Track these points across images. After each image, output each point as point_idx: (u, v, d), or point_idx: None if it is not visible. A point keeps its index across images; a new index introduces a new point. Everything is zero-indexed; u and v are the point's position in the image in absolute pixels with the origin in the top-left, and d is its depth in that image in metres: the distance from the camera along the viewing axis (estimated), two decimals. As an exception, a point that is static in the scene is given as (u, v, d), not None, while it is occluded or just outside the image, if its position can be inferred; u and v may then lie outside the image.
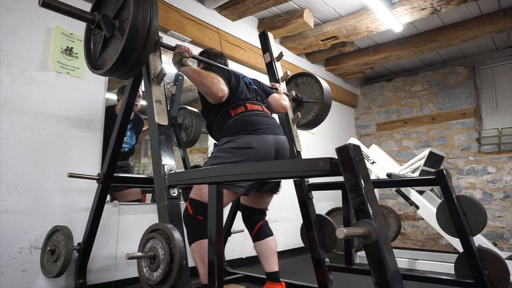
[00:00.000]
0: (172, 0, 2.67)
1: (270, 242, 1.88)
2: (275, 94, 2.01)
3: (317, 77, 2.27)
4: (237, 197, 1.79)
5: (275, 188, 1.93)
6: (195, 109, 3.10)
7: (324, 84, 2.23)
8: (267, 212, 2.00)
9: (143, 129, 2.90)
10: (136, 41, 1.19)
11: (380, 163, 3.25)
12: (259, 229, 1.90)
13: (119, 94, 2.69)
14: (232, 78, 1.81)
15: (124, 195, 2.63)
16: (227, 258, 2.77)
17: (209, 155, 1.75)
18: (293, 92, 2.28)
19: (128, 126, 2.29)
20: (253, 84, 1.95)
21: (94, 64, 1.39)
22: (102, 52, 1.36)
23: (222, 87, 1.64)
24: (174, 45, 1.73)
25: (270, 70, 2.31)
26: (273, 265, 1.85)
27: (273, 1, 2.84)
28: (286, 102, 2.03)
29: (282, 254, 3.27)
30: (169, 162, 1.38)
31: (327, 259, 1.96)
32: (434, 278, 1.88)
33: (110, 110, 2.30)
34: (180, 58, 1.69)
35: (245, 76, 1.94)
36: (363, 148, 3.31)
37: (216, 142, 1.81)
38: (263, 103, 1.89)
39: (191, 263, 1.69)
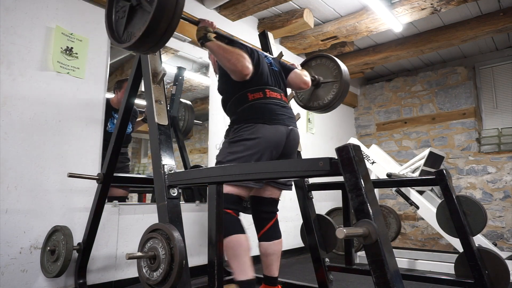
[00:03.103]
0: (172, 0, 2.67)
1: (278, 245, 1.78)
2: (296, 70, 1.95)
3: (332, 56, 2.19)
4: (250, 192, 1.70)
5: (287, 183, 1.84)
6: (188, 102, 3.09)
7: (341, 63, 2.15)
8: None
9: (137, 119, 2.90)
10: (167, 4, 1.13)
11: (380, 163, 3.25)
12: (269, 229, 1.79)
13: (116, 87, 2.69)
14: (255, 57, 1.74)
15: (110, 190, 2.62)
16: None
17: (221, 145, 1.71)
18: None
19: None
20: (274, 65, 1.88)
21: (118, 38, 1.32)
22: (127, 26, 1.29)
23: (247, 65, 1.59)
24: (197, 19, 1.65)
25: (270, 70, 2.30)
26: (274, 270, 1.78)
27: (273, 1, 2.84)
28: (308, 77, 1.96)
29: (282, 254, 3.26)
30: (169, 162, 1.38)
31: (327, 259, 1.96)
32: (434, 278, 1.88)
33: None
34: (205, 32, 1.61)
35: (266, 56, 1.87)
36: (363, 148, 3.31)
37: (229, 122, 1.76)
38: (282, 90, 1.83)
39: (191, 263, 1.68)
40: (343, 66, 2.12)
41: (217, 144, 1.84)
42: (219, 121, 3.07)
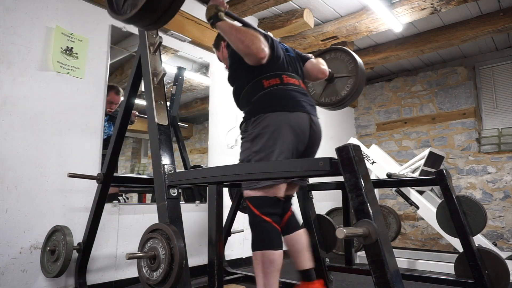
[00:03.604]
0: (172, 0, 2.67)
1: (301, 235, 1.65)
2: (312, 59, 1.82)
3: (348, 49, 2.05)
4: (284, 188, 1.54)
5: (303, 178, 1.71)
6: None
7: (357, 57, 2.01)
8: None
9: None
10: None
11: (380, 163, 3.25)
12: (288, 221, 1.66)
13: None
14: (269, 41, 1.58)
15: None
16: (227, 258, 2.77)
17: (239, 139, 1.56)
18: None
19: (105, 118, 2.30)
20: (290, 51, 1.73)
21: (118, 11, 1.20)
22: None
23: (263, 47, 1.43)
24: None
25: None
26: (306, 262, 1.62)
27: (273, 1, 2.84)
28: (325, 66, 1.83)
29: (282, 254, 3.26)
30: (169, 162, 1.38)
31: (327, 259, 1.96)
32: (434, 278, 1.88)
33: None
34: (215, 11, 1.48)
35: (281, 42, 1.74)
36: (363, 148, 3.31)
37: (243, 114, 1.62)
38: (300, 77, 1.67)
39: (191, 263, 1.68)
40: (359, 61, 1.98)
41: (236, 139, 1.68)
42: (219, 121, 3.07)
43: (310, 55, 1.87)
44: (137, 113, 2.62)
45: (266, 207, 1.43)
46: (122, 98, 2.62)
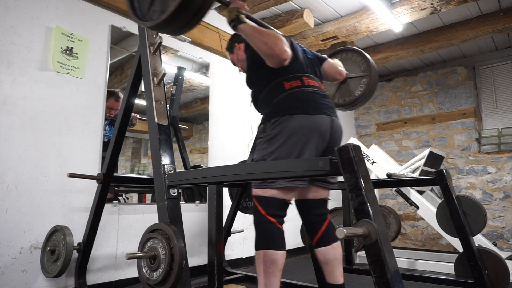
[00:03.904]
0: (172, 0, 2.67)
1: (337, 248, 1.58)
2: (329, 60, 1.82)
3: (360, 50, 2.04)
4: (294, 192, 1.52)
5: (331, 182, 1.65)
6: None
7: (369, 57, 2.02)
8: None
9: None
10: None
11: (380, 163, 3.25)
12: (324, 232, 1.59)
13: None
14: (288, 42, 1.57)
15: None
16: (227, 258, 2.77)
17: (258, 143, 1.53)
18: None
19: (106, 122, 2.31)
20: (308, 52, 1.72)
21: (142, 16, 1.18)
22: (153, 4, 1.15)
23: (286, 48, 1.43)
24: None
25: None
26: (339, 277, 1.56)
27: (273, 1, 2.84)
28: (343, 68, 1.84)
29: (282, 254, 3.25)
30: (169, 162, 1.38)
31: (327, 259, 1.95)
32: (434, 278, 1.88)
33: None
34: (237, 14, 1.47)
35: (298, 44, 1.74)
36: (363, 148, 3.31)
37: (261, 116, 1.59)
38: (319, 79, 1.67)
39: (191, 263, 1.68)
40: (372, 61, 1.99)
41: (250, 141, 1.65)
42: (219, 121, 3.07)
43: (325, 56, 1.86)
44: (137, 116, 2.61)
45: (273, 209, 1.42)
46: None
